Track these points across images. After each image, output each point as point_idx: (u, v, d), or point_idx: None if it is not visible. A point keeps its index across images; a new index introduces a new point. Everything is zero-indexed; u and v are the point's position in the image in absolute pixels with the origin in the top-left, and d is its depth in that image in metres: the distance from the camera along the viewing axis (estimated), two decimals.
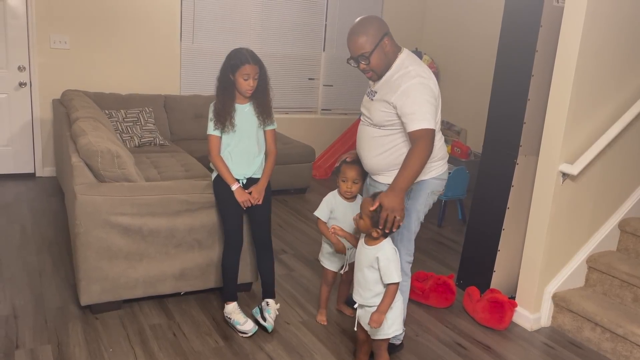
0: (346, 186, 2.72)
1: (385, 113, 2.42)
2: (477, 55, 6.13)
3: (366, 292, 2.36)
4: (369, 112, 2.52)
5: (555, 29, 2.93)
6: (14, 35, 4.86)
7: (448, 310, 3.22)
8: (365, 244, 2.36)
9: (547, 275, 3.08)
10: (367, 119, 2.56)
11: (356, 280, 2.41)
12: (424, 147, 2.29)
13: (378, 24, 2.39)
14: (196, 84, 5.72)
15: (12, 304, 2.87)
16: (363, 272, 2.35)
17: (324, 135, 6.57)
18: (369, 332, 2.40)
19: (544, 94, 3.03)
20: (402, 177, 2.29)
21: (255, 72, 2.63)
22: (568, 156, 2.90)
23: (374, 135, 2.51)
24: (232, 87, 2.67)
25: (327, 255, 2.90)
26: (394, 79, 2.40)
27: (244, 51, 2.65)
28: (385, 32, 2.39)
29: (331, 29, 6.38)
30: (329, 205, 2.80)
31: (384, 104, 2.41)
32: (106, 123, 3.75)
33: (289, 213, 4.78)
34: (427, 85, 2.35)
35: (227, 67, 2.64)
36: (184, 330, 2.76)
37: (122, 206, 2.72)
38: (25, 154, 5.17)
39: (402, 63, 2.42)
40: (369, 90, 2.58)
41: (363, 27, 2.38)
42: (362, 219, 2.32)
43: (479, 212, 3.37)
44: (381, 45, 2.37)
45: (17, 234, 3.81)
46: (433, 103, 2.35)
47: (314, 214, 2.83)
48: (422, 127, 2.30)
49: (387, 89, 2.41)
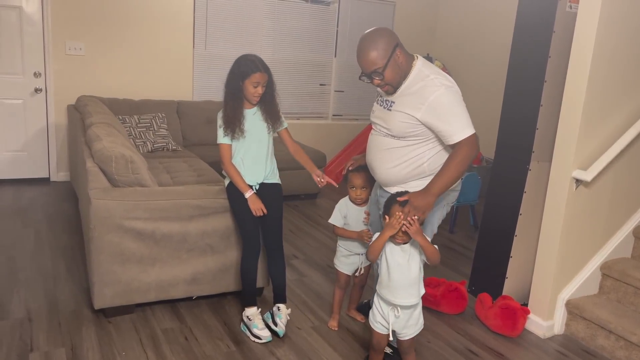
0: (355, 193, 2.76)
1: (407, 124, 2.32)
2: (488, 60, 6.11)
3: (413, 289, 2.32)
4: (385, 122, 2.41)
5: (568, 34, 2.92)
6: (30, 41, 4.93)
7: (460, 316, 3.21)
8: (397, 244, 2.29)
9: (561, 282, 3.05)
10: (383, 129, 2.44)
11: (395, 285, 2.30)
12: (467, 153, 2.23)
13: (387, 36, 2.29)
14: (209, 89, 5.77)
15: (26, 307, 2.90)
16: (410, 271, 2.29)
17: (335, 141, 6.58)
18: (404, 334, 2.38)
19: (557, 100, 3.02)
20: (440, 182, 2.24)
21: (264, 80, 2.65)
22: (581, 162, 2.88)
23: (392, 146, 2.40)
24: (241, 93, 2.68)
25: (342, 259, 2.91)
26: (415, 89, 2.30)
27: (254, 58, 2.65)
28: (395, 44, 2.28)
29: (342, 35, 6.40)
30: (342, 211, 2.83)
31: (405, 116, 2.31)
32: (120, 128, 3.80)
33: (300, 218, 4.78)
34: (454, 90, 2.28)
35: (237, 74, 2.64)
36: (195, 334, 2.78)
37: (136, 211, 2.74)
38: (40, 159, 5.23)
39: (419, 72, 2.33)
40: (382, 99, 2.47)
41: (372, 41, 2.27)
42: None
43: (491, 218, 3.35)
44: (394, 58, 2.27)
45: (32, 238, 3.86)
46: (465, 106, 2.28)
47: (329, 221, 2.86)
48: (466, 136, 2.24)
49: (409, 101, 2.31)
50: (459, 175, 2.27)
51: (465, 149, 2.24)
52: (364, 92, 6.66)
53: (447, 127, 2.25)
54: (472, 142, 2.25)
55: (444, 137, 2.28)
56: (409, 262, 2.30)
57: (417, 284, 2.33)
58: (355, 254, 2.87)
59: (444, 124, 2.25)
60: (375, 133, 2.52)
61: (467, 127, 2.25)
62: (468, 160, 2.25)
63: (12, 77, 4.95)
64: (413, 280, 2.31)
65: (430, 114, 2.26)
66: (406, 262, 2.29)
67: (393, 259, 2.30)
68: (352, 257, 2.88)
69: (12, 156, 5.11)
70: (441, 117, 2.25)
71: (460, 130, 2.24)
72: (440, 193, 2.26)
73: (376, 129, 2.51)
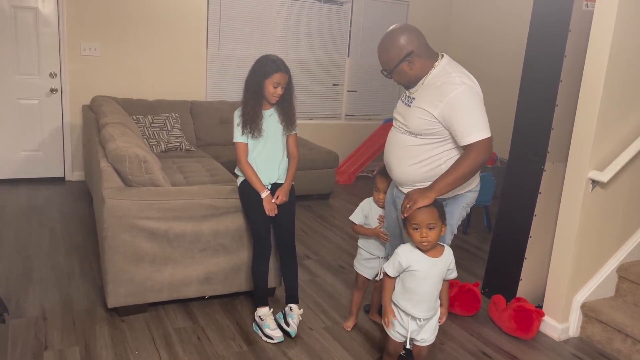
0: (378, 196, 2.76)
1: (425, 121, 2.29)
2: (503, 60, 6.06)
3: (434, 302, 2.29)
4: (404, 118, 2.39)
5: (584, 33, 2.88)
6: (46, 42, 4.99)
7: (473, 318, 3.18)
8: (431, 258, 2.23)
9: (576, 284, 3.01)
10: (402, 126, 2.41)
11: (420, 299, 2.25)
12: (478, 156, 2.19)
13: (403, 42, 2.26)
14: (222, 90, 5.79)
15: (41, 305, 2.93)
16: (436, 285, 2.26)
17: (348, 141, 6.57)
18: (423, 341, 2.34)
19: (573, 100, 2.98)
20: (443, 182, 2.21)
21: (285, 80, 2.65)
22: (598, 163, 2.84)
23: (409, 143, 2.37)
24: (261, 93, 2.67)
25: (362, 262, 2.89)
26: (436, 87, 2.27)
27: (276, 59, 2.65)
28: (408, 52, 2.25)
29: (356, 35, 6.38)
30: (364, 210, 2.83)
31: (423, 112, 2.29)
32: (134, 128, 3.82)
33: (313, 218, 4.78)
34: (475, 91, 2.24)
35: (258, 73, 2.64)
36: (208, 334, 2.78)
37: (149, 210, 2.75)
38: (56, 159, 5.29)
39: (442, 69, 2.30)
40: (404, 95, 2.46)
41: (388, 43, 2.29)
42: (428, 230, 2.17)
43: (505, 219, 3.32)
44: (402, 66, 2.28)
45: (47, 236, 3.90)
46: (484, 109, 2.24)
47: (350, 218, 2.86)
48: (479, 139, 2.19)
49: (429, 97, 2.28)
50: (466, 178, 2.23)
51: (476, 152, 2.20)
52: (377, 92, 6.64)
53: (461, 127, 2.21)
54: (485, 145, 2.20)
55: (457, 136, 2.24)
56: (438, 276, 2.27)
57: (437, 297, 2.31)
58: (376, 258, 2.85)
59: (459, 123, 2.21)
60: (394, 130, 2.50)
61: (482, 130, 2.21)
62: (478, 164, 2.20)
63: (28, 78, 5.01)
64: (435, 294, 2.29)
65: (447, 111, 2.22)
66: (435, 276, 2.25)
67: (423, 272, 2.22)
68: (372, 260, 2.86)
69: (28, 156, 5.17)
70: (457, 116, 2.21)
71: (475, 132, 2.20)
72: (441, 192, 2.22)
73: (396, 125, 2.48)
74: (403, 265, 2.23)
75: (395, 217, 2.61)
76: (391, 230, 2.70)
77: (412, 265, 2.22)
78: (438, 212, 2.19)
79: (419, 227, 2.17)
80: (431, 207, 2.17)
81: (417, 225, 2.17)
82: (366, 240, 2.86)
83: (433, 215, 2.17)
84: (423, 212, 2.16)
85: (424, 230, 2.16)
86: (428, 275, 2.23)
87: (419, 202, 2.16)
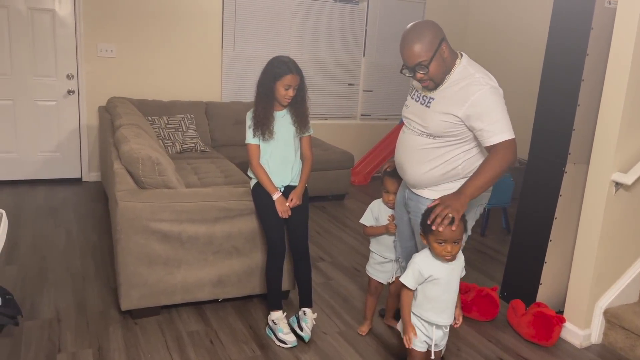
0: (388, 197, 2.71)
1: (447, 124, 2.22)
2: (522, 58, 5.95)
3: (453, 308, 2.24)
4: (422, 120, 2.30)
5: (607, 31, 2.79)
6: (63, 44, 5.02)
7: (491, 324, 3.11)
8: (449, 263, 2.16)
9: (598, 289, 2.93)
10: (418, 127, 2.33)
11: (445, 307, 2.19)
12: (505, 157, 2.14)
13: (434, 29, 2.19)
14: (237, 90, 5.77)
15: (56, 307, 2.93)
16: (456, 289, 2.22)
17: (363, 141, 6.51)
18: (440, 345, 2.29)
19: (596, 99, 2.89)
20: (473, 185, 2.15)
21: (296, 82, 2.61)
22: (621, 165, 2.75)
23: (426, 146, 2.30)
24: (272, 95, 2.64)
25: (375, 266, 2.85)
26: (459, 87, 2.21)
27: (287, 60, 2.61)
28: (442, 38, 2.19)
29: (371, 35, 6.33)
30: (374, 212, 2.79)
31: (445, 114, 2.22)
32: (148, 130, 3.82)
33: (327, 220, 4.74)
34: (499, 92, 2.20)
35: (270, 75, 2.61)
36: (221, 337, 2.76)
37: (162, 213, 2.74)
38: (73, 160, 5.32)
39: (464, 69, 2.25)
40: (418, 94, 2.37)
41: (418, 33, 2.17)
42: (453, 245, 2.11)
43: (525, 221, 3.24)
44: (439, 52, 2.18)
45: (63, 238, 3.92)
46: (506, 110, 2.20)
47: (360, 221, 2.82)
48: (504, 140, 2.15)
49: (452, 98, 2.22)
50: (494, 179, 2.17)
51: (503, 153, 2.15)
52: (393, 92, 6.57)
53: (487, 127, 2.16)
54: (510, 146, 2.16)
55: (482, 137, 2.19)
56: (457, 279, 2.22)
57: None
58: (389, 261, 2.80)
59: (484, 124, 2.16)
60: (408, 131, 2.41)
61: (507, 131, 2.17)
62: (505, 165, 2.15)
63: (46, 79, 5.05)
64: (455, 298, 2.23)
65: (472, 112, 2.17)
66: (455, 280, 2.20)
67: (444, 279, 2.16)
68: (385, 264, 2.81)
69: (46, 157, 5.21)
70: (483, 116, 2.16)
71: (500, 132, 2.16)
72: (473, 196, 2.16)
73: (410, 126, 2.39)
74: (424, 274, 2.15)
75: (407, 220, 2.55)
76: (402, 232, 2.64)
77: (433, 274, 2.15)
78: (463, 226, 2.13)
79: (446, 242, 2.09)
80: (458, 223, 2.08)
81: (444, 241, 2.09)
82: (378, 243, 2.81)
83: (460, 230, 2.10)
84: (453, 229, 2.07)
85: (450, 245, 2.09)
86: (450, 281, 2.18)
87: (454, 210, 2.07)
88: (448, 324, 2.24)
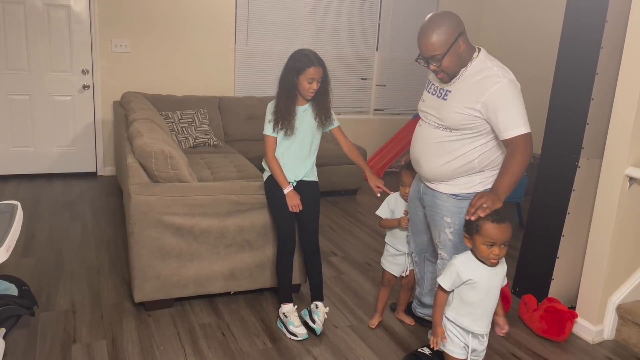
0: (404, 191, 2.72)
1: (464, 116, 2.21)
2: (536, 52, 5.89)
3: (491, 316, 2.17)
4: (438, 112, 2.30)
5: (622, 23, 2.76)
6: (78, 39, 5.08)
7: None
8: (492, 267, 2.10)
9: (611, 285, 2.90)
10: (434, 121, 2.33)
11: (482, 314, 2.12)
12: (526, 152, 2.14)
13: (453, 22, 2.18)
14: (250, 85, 5.79)
15: (71, 299, 2.98)
16: (497, 296, 2.14)
17: (377, 136, 6.50)
18: (481, 355, 2.23)
19: (610, 93, 2.86)
20: (504, 183, 2.14)
21: (319, 75, 2.59)
22: (636, 159, 2.72)
23: (442, 139, 2.30)
24: (295, 89, 2.62)
25: (389, 258, 2.86)
26: (477, 80, 2.21)
27: (309, 53, 2.58)
28: (459, 32, 2.18)
29: (384, 29, 6.30)
30: (390, 205, 2.79)
31: (463, 107, 2.21)
32: (162, 124, 3.85)
33: (340, 215, 4.75)
34: (517, 86, 2.20)
35: (292, 69, 2.58)
36: (232, 330, 2.79)
37: (175, 206, 2.77)
38: (88, 154, 5.39)
39: (482, 62, 2.24)
40: (435, 87, 2.36)
41: (436, 25, 2.16)
42: (501, 248, 2.05)
43: (537, 216, 3.22)
44: (455, 47, 2.17)
45: (79, 231, 3.98)
46: (524, 104, 2.19)
47: (376, 213, 2.83)
48: (522, 133, 2.14)
49: (469, 91, 2.21)
50: (522, 175, 2.17)
51: (523, 148, 2.15)
52: (406, 87, 6.54)
53: (505, 120, 2.16)
54: (529, 140, 2.17)
55: (500, 130, 2.18)
56: (499, 286, 2.15)
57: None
58: (402, 254, 2.81)
59: (503, 117, 2.16)
60: (424, 124, 2.40)
61: (524, 124, 2.17)
62: (528, 158, 2.16)
63: (61, 74, 5.11)
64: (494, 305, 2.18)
65: (490, 104, 2.17)
66: (496, 287, 2.13)
67: (485, 284, 2.08)
68: (399, 257, 2.82)
69: (62, 151, 5.28)
70: (501, 109, 2.16)
71: (517, 126, 2.15)
72: (507, 194, 2.15)
73: (426, 119, 2.39)
74: (463, 277, 2.08)
75: (422, 214, 2.55)
76: (415, 226, 2.64)
77: (473, 277, 2.07)
78: (511, 228, 2.07)
79: (495, 244, 2.02)
80: (508, 223, 2.01)
81: (493, 242, 2.01)
82: (393, 236, 2.82)
83: (510, 232, 2.03)
84: (503, 229, 2.01)
85: (498, 248, 2.02)
86: (490, 286, 2.09)
87: (490, 201, 2.05)
88: (484, 332, 2.14)
